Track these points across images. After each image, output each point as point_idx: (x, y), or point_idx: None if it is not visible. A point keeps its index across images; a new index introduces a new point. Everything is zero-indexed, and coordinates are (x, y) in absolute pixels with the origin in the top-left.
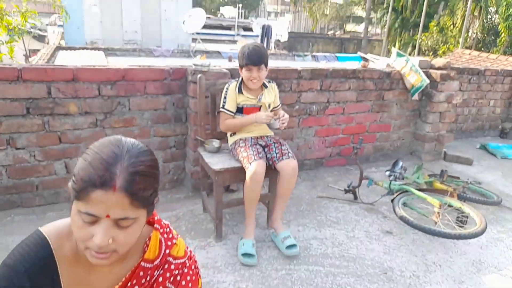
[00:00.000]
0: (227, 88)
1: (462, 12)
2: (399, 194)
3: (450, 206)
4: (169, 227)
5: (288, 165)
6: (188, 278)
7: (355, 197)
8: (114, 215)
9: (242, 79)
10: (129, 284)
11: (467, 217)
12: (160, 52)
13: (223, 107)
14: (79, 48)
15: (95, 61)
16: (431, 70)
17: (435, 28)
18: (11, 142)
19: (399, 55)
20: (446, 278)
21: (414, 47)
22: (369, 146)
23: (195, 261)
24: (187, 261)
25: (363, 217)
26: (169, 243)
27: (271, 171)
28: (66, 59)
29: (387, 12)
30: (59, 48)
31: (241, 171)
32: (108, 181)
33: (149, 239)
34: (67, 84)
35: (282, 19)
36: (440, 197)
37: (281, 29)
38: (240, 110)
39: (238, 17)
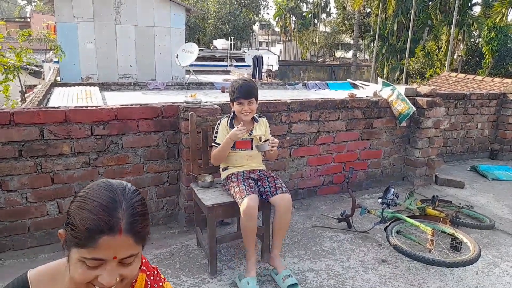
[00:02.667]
0: (219, 124)
1: (446, 37)
2: (392, 222)
3: (443, 232)
4: (156, 270)
5: (282, 199)
6: None
7: (349, 226)
8: (120, 256)
9: (233, 114)
10: None
11: (461, 243)
12: (154, 85)
13: (213, 141)
14: (74, 84)
15: (90, 97)
16: (417, 98)
17: (421, 52)
18: (2, 185)
19: (385, 84)
20: None
21: (402, 71)
22: (361, 173)
23: None
24: None
25: (358, 246)
26: (155, 285)
27: (264, 205)
28: (61, 96)
29: (374, 39)
30: (54, 84)
31: (233, 206)
32: (114, 226)
33: (135, 281)
34: (59, 125)
35: (273, 48)
36: (433, 224)
37: (272, 60)
38: (233, 144)
39: (231, 49)
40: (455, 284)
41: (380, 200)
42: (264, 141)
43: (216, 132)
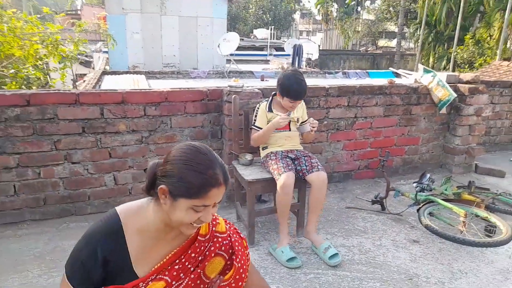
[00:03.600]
0: (258, 108)
1: (499, 24)
2: (425, 204)
3: (476, 216)
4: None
5: (318, 177)
6: (237, 244)
7: (383, 208)
8: (218, 201)
9: (272, 99)
10: (189, 252)
11: (495, 227)
12: (196, 74)
13: (253, 125)
14: (123, 73)
15: (138, 85)
16: (459, 85)
17: (470, 40)
18: (67, 157)
19: (425, 71)
20: (471, 286)
21: (448, 60)
22: (397, 159)
23: (236, 230)
24: (230, 233)
25: (390, 226)
26: (214, 222)
27: (301, 182)
28: (112, 83)
29: (420, 26)
30: (104, 72)
31: (271, 182)
32: (218, 181)
33: None
34: (117, 106)
35: (314, 37)
36: (466, 207)
37: (312, 48)
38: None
39: (270, 38)
40: (486, 266)
41: (415, 185)
42: (303, 122)
43: (256, 116)
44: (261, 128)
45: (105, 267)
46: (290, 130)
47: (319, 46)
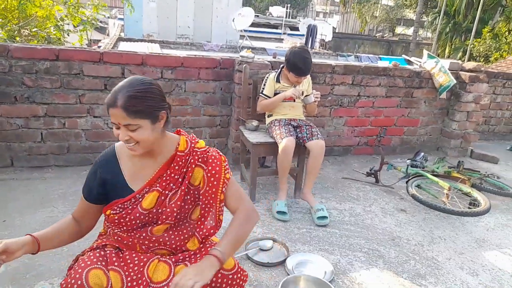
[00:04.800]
0: (267, 77)
1: None
2: (414, 177)
3: (460, 190)
4: (193, 135)
5: (317, 144)
6: (213, 157)
7: (376, 180)
8: (122, 123)
9: (281, 70)
10: (172, 165)
11: (479, 202)
12: (209, 46)
13: (261, 92)
14: (138, 40)
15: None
16: (461, 72)
17: (488, 34)
18: (90, 111)
19: (430, 56)
20: (447, 249)
21: (465, 52)
22: (396, 138)
23: (217, 150)
24: (209, 149)
25: (381, 196)
26: (193, 141)
27: (301, 149)
28: (127, 49)
29: (439, 15)
30: (120, 39)
31: (274, 145)
32: (113, 103)
33: (179, 143)
34: (137, 67)
35: (330, 19)
36: (451, 182)
37: (326, 29)
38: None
39: (286, 17)
40: (464, 235)
41: (408, 161)
42: (307, 95)
43: (264, 85)
44: (268, 96)
45: (104, 185)
46: (294, 101)
47: (334, 28)
